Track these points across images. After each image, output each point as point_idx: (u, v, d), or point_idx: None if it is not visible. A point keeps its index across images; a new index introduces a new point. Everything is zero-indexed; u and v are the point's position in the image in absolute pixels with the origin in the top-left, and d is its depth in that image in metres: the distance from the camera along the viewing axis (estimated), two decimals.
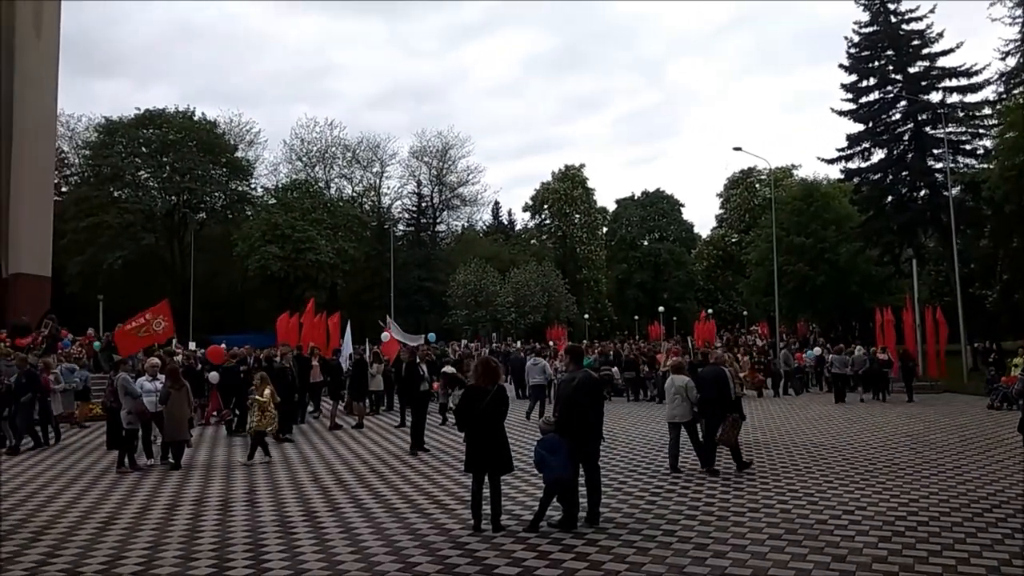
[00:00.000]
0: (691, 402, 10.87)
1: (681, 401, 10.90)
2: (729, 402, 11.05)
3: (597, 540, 7.27)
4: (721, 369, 11.47)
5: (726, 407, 10.87)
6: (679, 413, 10.94)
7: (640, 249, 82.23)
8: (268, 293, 56.50)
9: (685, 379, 11.15)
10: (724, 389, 10.95)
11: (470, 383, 8.45)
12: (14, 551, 7.21)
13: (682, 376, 11.26)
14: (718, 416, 10.74)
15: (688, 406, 10.89)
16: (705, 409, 10.86)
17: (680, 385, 10.98)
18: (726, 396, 10.95)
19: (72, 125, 55.65)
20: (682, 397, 10.90)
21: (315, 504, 9.13)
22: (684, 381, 11.04)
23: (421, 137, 73.30)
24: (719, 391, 10.85)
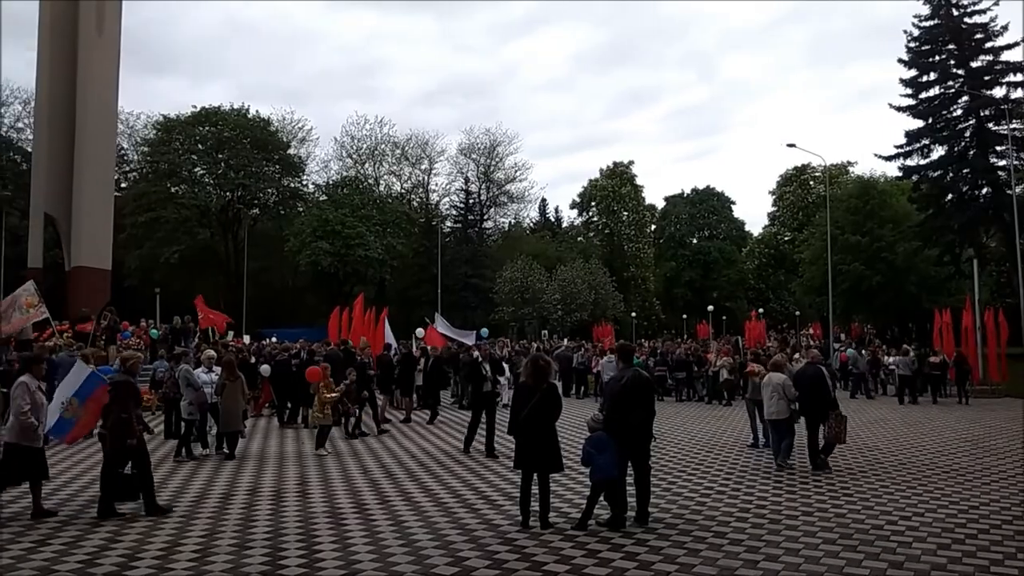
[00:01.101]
0: (788, 400, 11.02)
1: (779, 399, 11.07)
2: (829, 400, 11.16)
3: (646, 540, 7.22)
4: (819, 368, 11.62)
5: (827, 406, 10.98)
6: (777, 410, 11.14)
7: (689, 247, 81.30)
8: (318, 288, 57.36)
9: (783, 377, 11.33)
10: (823, 388, 11.11)
11: (521, 381, 8.46)
12: (76, 536, 7.45)
13: (780, 374, 11.44)
14: (818, 415, 10.91)
15: (786, 403, 11.05)
16: (804, 408, 11.02)
17: (778, 383, 11.17)
18: (825, 395, 11.12)
19: (131, 122, 57.22)
20: (779, 395, 11.06)
21: (365, 497, 9.24)
22: (782, 379, 11.24)
23: (469, 134, 73.82)
24: (818, 390, 11.01)
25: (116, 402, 8.57)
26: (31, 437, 8.12)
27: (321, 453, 12.42)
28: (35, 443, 8.18)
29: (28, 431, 8.07)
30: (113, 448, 8.38)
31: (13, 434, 8.09)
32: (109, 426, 8.53)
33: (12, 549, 6.97)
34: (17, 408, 8.04)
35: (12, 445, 8.09)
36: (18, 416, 8.03)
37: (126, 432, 8.38)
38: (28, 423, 8.05)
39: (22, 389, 8.16)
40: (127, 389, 8.71)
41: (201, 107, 57.06)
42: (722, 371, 21.21)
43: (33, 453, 8.15)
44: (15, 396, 8.13)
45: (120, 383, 8.76)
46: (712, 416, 18.63)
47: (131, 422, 8.47)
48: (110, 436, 8.47)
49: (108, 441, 8.50)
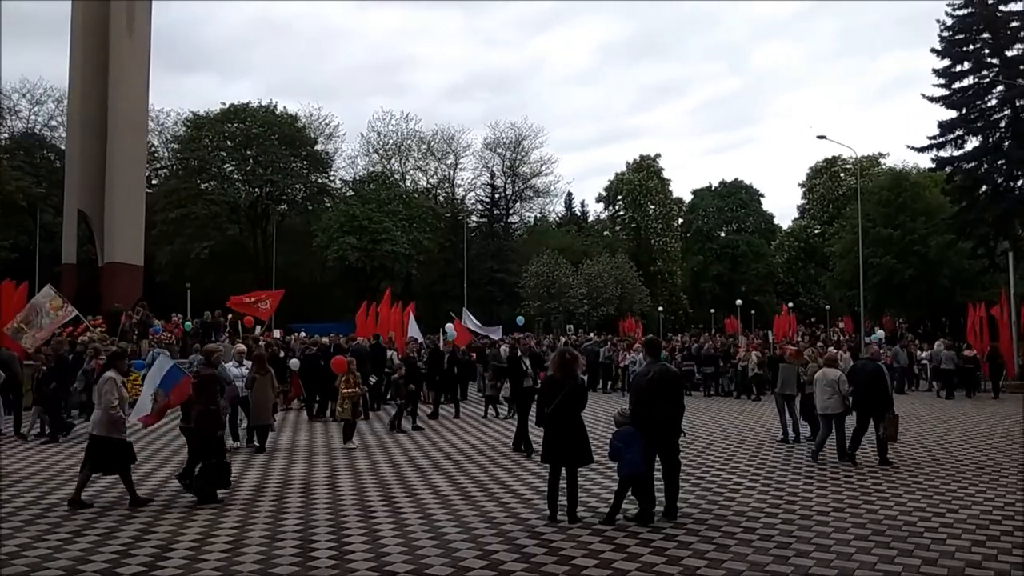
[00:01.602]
0: (842, 395, 11.05)
1: (832, 394, 11.09)
2: (887, 397, 11.14)
3: (675, 535, 7.19)
4: (878, 364, 11.65)
5: (884, 402, 11.00)
6: (831, 405, 11.15)
7: (717, 240, 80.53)
8: (345, 283, 57.72)
9: (837, 372, 11.38)
10: (882, 385, 11.12)
11: (548, 375, 8.46)
12: (111, 527, 7.59)
13: (835, 370, 11.48)
14: (874, 411, 10.94)
15: (839, 399, 11.07)
16: (859, 403, 11.04)
17: (832, 379, 11.21)
18: (884, 392, 11.11)
19: (161, 120, 57.94)
20: (833, 390, 11.09)
21: (393, 490, 9.30)
22: (836, 375, 11.28)
23: (495, 128, 73.90)
24: (877, 386, 11.03)
25: (203, 395, 8.92)
26: (119, 429, 8.50)
27: (349, 447, 12.52)
28: (122, 435, 8.57)
29: (117, 424, 8.46)
30: (203, 438, 8.72)
31: (102, 427, 8.42)
32: (196, 418, 8.85)
33: (48, 539, 7.13)
34: (107, 402, 8.37)
35: (101, 438, 8.42)
36: (107, 410, 8.37)
37: (214, 423, 8.83)
38: (117, 416, 8.43)
39: (111, 384, 8.51)
40: (212, 382, 9.10)
41: (230, 104, 57.67)
42: (751, 365, 21.02)
43: (121, 444, 8.52)
44: (104, 391, 8.47)
45: (206, 377, 9.13)
46: (741, 411, 18.50)
47: (218, 414, 9.01)
48: (198, 428, 8.82)
49: (196, 433, 8.85)
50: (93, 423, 8.63)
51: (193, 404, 8.97)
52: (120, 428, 8.52)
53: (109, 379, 8.59)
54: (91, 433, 8.60)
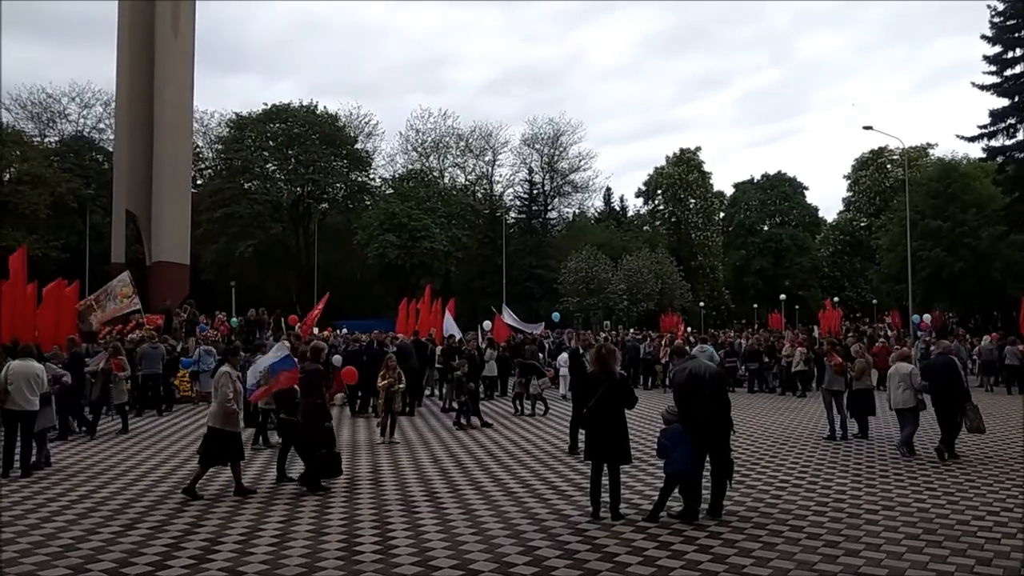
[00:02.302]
0: (915, 389, 11.10)
1: (905, 388, 11.14)
2: (962, 391, 11.22)
3: (720, 533, 7.10)
4: (951, 359, 11.71)
5: (960, 396, 11.03)
6: (904, 399, 11.20)
7: (760, 234, 79.41)
8: (385, 280, 58.23)
9: (909, 367, 11.47)
10: (956, 379, 11.21)
11: (589, 371, 8.41)
12: (162, 521, 7.75)
13: (906, 364, 11.57)
14: (950, 405, 10.96)
15: (912, 393, 11.11)
16: (935, 398, 11.09)
17: (904, 373, 11.28)
18: (959, 385, 11.21)
19: (205, 121, 59.01)
20: (906, 384, 11.15)
21: (436, 486, 9.35)
22: (908, 369, 11.37)
23: (533, 124, 73.55)
24: (950, 380, 11.08)
25: (310, 389, 9.27)
26: (233, 422, 8.93)
27: (393, 442, 12.62)
28: (236, 428, 8.97)
29: (232, 417, 8.89)
30: (310, 430, 9.06)
31: (217, 420, 8.84)
32: (304, 411, 9.19)
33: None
34: (223, 396, 8.79)
35: (216, 430, 8.84)
36: (223, 404, 8.79)
37: (322, 416, 9.22)
38: (232, 410, 8.87)
39: (226, 379, 8.92)
40: (318, 376, 9.47)
41: (272, 104, 58.57)
42: (796, 361, 20.66)
43: (234, 437, 8.90)
44: (220, 385, 8.88)
45: (313, 372, 9.43)
46: (786, 408, 18.21)
47: (325, 406, 9.48)
48: (306, 420, 9.13)
49: (303, 424, 9.16)
50: (210, 415, 9.06)
51: (299, 397, 9.34)
52: (234, 421, 8.95)
53: (225, 374, 9.00)
54: (209, 425, 9.02)
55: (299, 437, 9.31)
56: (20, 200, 46.82)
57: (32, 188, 47.28)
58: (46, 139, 56.29)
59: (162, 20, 29.40)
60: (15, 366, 10.16)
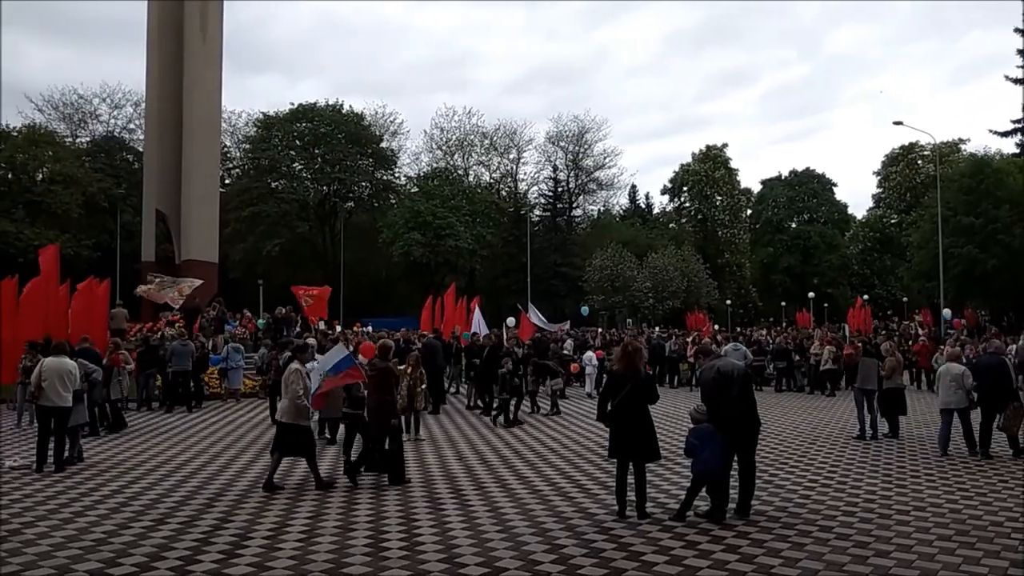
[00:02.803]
0: (966, 390, 11.08)
1: (956, 388, 11.13)
2: (1010, 391, 11.20)
3: (748, 533, 7.04)
4: (1002, 359, 11.79)
5: (1007, 396, 11.03)
6: (954, 400, 11.16)
7: (787, 231, 78.51)
8: (410, 278, 58.49)
9: (961, 368, 11.47)
10: (1005, 379, 11.22)
11: (613, 369, 8.38)
12: (191, 516, 7.85)
13: (958, 365, 11.58)
14: (996, 405, 10.96)
15: (963, 394, 11.10)
16: (983, 397, 11.09)
17: (956, 373, 11.28)
18: (1007, 386, 11.19)
19: (233, 121, 59.53)
20: (957, 384, 11.13)
21: (462, 483, 9.37)
22: (960, 370, 11.36)
23: (557, 122, 73.40)
24: (1001, 380, 11.11)
25: (380, 386, 9.49)
26: (305, 416, 9.22)
27: (419, 439, 12.68)
28: (306, 422, 9.26)
29: (302, 411, 9.15)
30: (378, 426, 9.34)
31: (288, 415, 9.07)
32: (373, 408, 9.44)
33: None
34: (294, 392, 9.00)
35: (287, 424, 9.07)
36: (294, 399, 9.00)
37: (390, 413, 9.46)
38: (303, 405, 9.11)
39: (296, 375, 9.13)
40: (388, 374, 9.72)
41: (298, 104, 59.01)
42: (825, 360, 20.42)
43: (305, 431, 9.16)
44: (291, 381, 9.08)
45: (383, 369, 9.65)
46: (814, 407, 18.01)
47: (394, 404, 9.72)
48: (373, 416, 9.40)
49: (371, 420, 9.43)
50: (281, 411, 9.29)
51: (369, 394, 9.59)
52: (305, 415, 9.21)
53: (295, 370, 9.20)
54: (279, 420, 9.30)
55: (365, 431, 9.62)
56: (53, 200, 47.72)
57: (64, 188, 48.15)
58: (78, 140, 57.22)
59: (190, 22, 29.71)
60: (48, 363, 10.35)
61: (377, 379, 9.58)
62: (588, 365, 21.17)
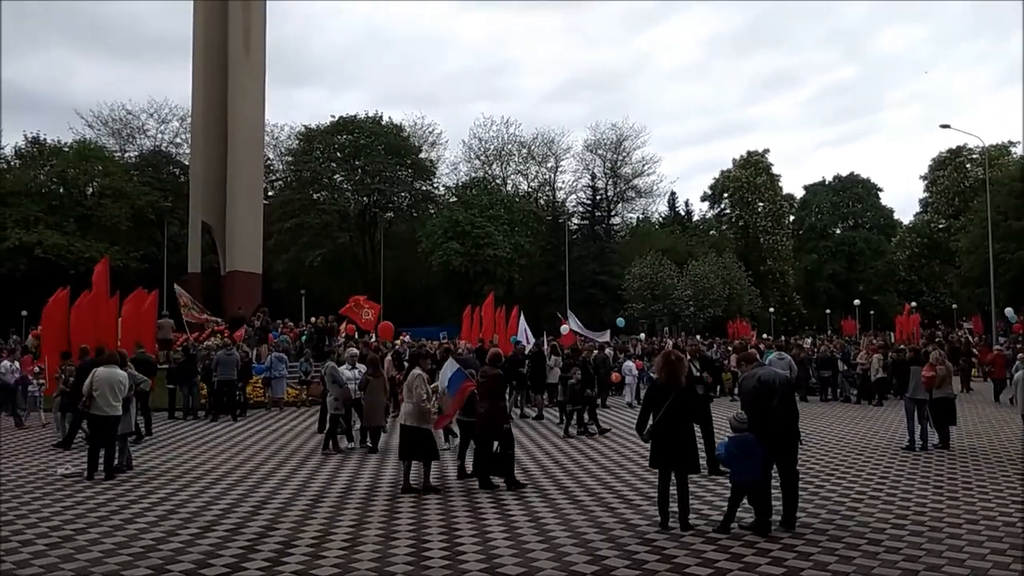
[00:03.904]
0: None
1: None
2: None
3: (794, 545, 6.91)
4: None
5: None
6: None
7: (832, 238, 77.24)
8: (449, 287, 58.84)
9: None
10: None
11: (654, 379, 8.31)
12: (237, 524, 7.97)
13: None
14: None
15: None
16: None
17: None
18: None
19: (276, 134, 60.66)
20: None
21: (502, 492, 9.37)
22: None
23: (595, 130, 73.44)
24: None
25: (491, 392, 9.82)
26: (427, 420, 9.53)
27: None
28: (429, 425, 9.56)
29: (425, 415, 9.49)
30: (490, 429, 9.60)
31: (412, 418, 9.42)
32: (485, 413, 9.68)
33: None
34: (418, 397, 9.40)
35: (411, 428, 9.40)
36: (418, 403, 9.40)
37: (501, 417, 9.79)
38: (426, 409, 9.47)
39: (420, 380, 9.55)
40: (499, 381, 10.08)
41: (339, 116, 59.97)
42: (873, 369, 20.00)
43: (427, 435, 9.48)
44: (415, 386, 9.49)
45: (493, 376, 10.00)
46: (861, 416, 17.63)
47: (505, 409, 10.13)
48: (485, 420, 9.66)
49: (484, 425, 9.68)
50: (404, 415, 9.60)
51: (478, 401, 9.82)
52: (428, 419, 9.52)
53: (418, 376, 9.61)
54: (403, 424, 9.60)
55: (478, 436, 9.87)
56: (102, 213, 49.15)
57: (113, 201, 49.56)
58: (126, 154, 58.81)
59: (234, 37, 30.33)
60: (100, 373, 10.61)
61: (488, 385, 9.89)
62: (628, 375, 21.02)
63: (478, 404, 9.85)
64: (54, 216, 48.37)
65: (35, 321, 27.12)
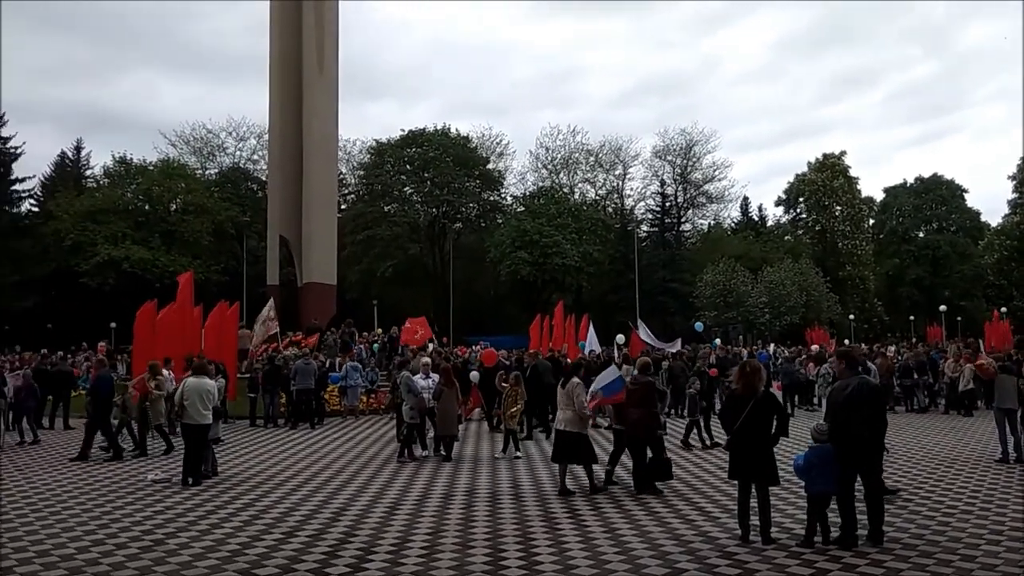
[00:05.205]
0: None
1: None
2: None
3: (882, 561, 6.66)
4: None
5: None
6: None
7: (914, 241, 74.38)
8: (517, 297, 59.05)
9: None
10: None
11: (732, 389, 8.16)
12: (319, 529, 8.15)
13: None
14: None
15: None
16: None
17: None
18: None
19: (348, 148, 62.06)
20: None
21: (576, 502, 9.33)
22: None
23: (664, 136, 72.28)
24: None
25: (644, 400, 10.10)
26: (585, 427, 10.14)
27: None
28: (586, 431, 10.19)
29: (585, 422, 10.09)
30: (647, 437, 9.96)
31: (574, 424, 9.92)
32: (637, 420, 9.97)
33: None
34: (580, 404, 9.93)
35: (571, 433, 9.90)
36: (580, 410, 9.92)
37: (656, 424, 10.29)
38: (587, 415, 10.11)
39: (580, 388, 10.12)
40: (652, 389, 10.37)
41: (408, 130, 61.14)
42: (962, 378, 19.16)
43: (585, 440, 10.07)
44: (576, 394, 9.95)
45: (645, 384, 10.30)
46: (950, 427, 16.89)
47: (658, 416, 10.57)
48: (640, 427, 9.95)
49: (636, 432, 9.98)
50: (563, 421, 10.04)
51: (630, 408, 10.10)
52: (586, 425, 10.14)
53: (577, 384, 10.13)
54: (561, 429, 10.05)
55: (631, 443, 10.13)
56: (185, 228, 51.27)
57: (195, 217, 51.65)
58: (207, 171, 61.20)
59: (308, 56, 31.28)
60: (190, 383, 11.05)
61: (640, 393, 10.13)
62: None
63: (629, 411, 10.11)
64: (140, 232, 50.69)
65: (124, 333, 28.41)
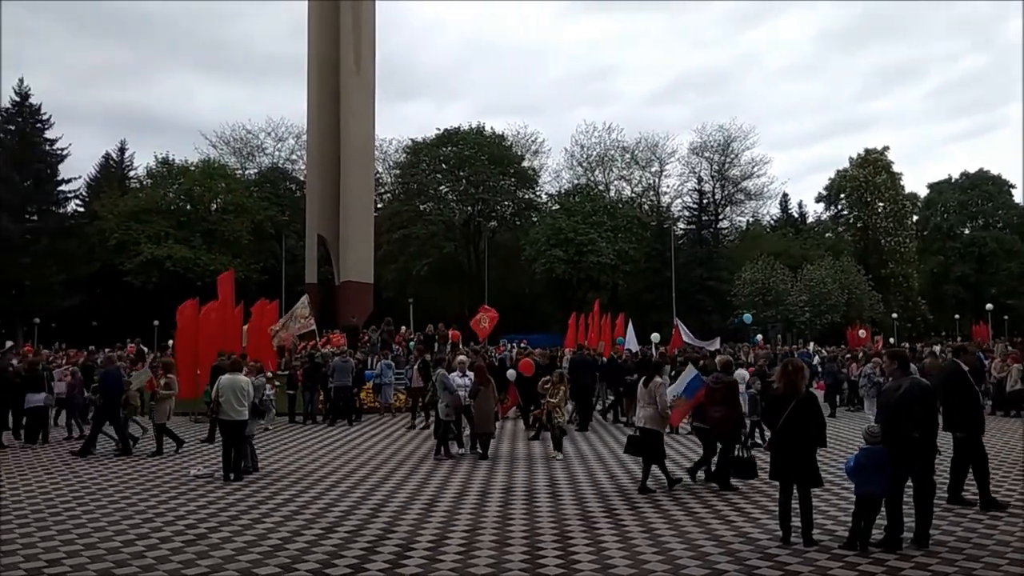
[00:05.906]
0: None
1: None
2: None
3: (928, 564, 6.52)
4: None
5: None
6: None
7: (959, 238, 72.64)
8: (552, 295, 58.97)
9: None
10: None
11: (774, 388, 8.06)
12: (358, 525, 8.23)
13: None
14: None
15: None
16: None
17: None
18: None
19: (384, 148, 62.54)
20: None
21: (613, 501, 9.29)
22: None
23: (701, 132, 71.63)
24: None
25: (726, 399, 10.24)
26: (663, 425, 10.39)
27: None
28: (663, 429, 10.40)
29: (664, 421, 10.34)
30: (730, 435, 10.12)
31: (653, 422, 10.13)
32: (720, 419, 10.13)
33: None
34: (662, 404, 10.07)
35: (651, 431, 10.08)
36: (662, 409, 10.13)
37: (739, 422, 10.56)
38: (667, 415, 10.27)
39: (664, 388, 10.27)
40: (733, 388, 10.53)
41: (444, 129, 61.42)
42: (1010, 378, 18.69)
43: (659, 437, 10.23)
44: (660, 393, 10.09)
45: (727, 383, 10.46)
46: (997, 429, 16.46)
47: (740, 415, 10.80)
48: (724, 426, 10.12)
49: (720, 431, 10.16)
50: (646, 419, 10.19)
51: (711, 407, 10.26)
52: (664, 424, 10.37)
53: (661, 384, 10.33)
54: (642, 427, 10.21)
55: (716, 440, 10.28)
56: (226, 228, 52.20)
57: (235, 216, 52.56)
58: (247, 171, 62.16)
59: (346, 57, 31.56)
60: (224, 380, 11.22)
61: (722, 392, 10.24)
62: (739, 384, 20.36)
63: (712, 410, 10.21)
64: (182, 231, 51.70)
65: (167, 331, 28.96)
